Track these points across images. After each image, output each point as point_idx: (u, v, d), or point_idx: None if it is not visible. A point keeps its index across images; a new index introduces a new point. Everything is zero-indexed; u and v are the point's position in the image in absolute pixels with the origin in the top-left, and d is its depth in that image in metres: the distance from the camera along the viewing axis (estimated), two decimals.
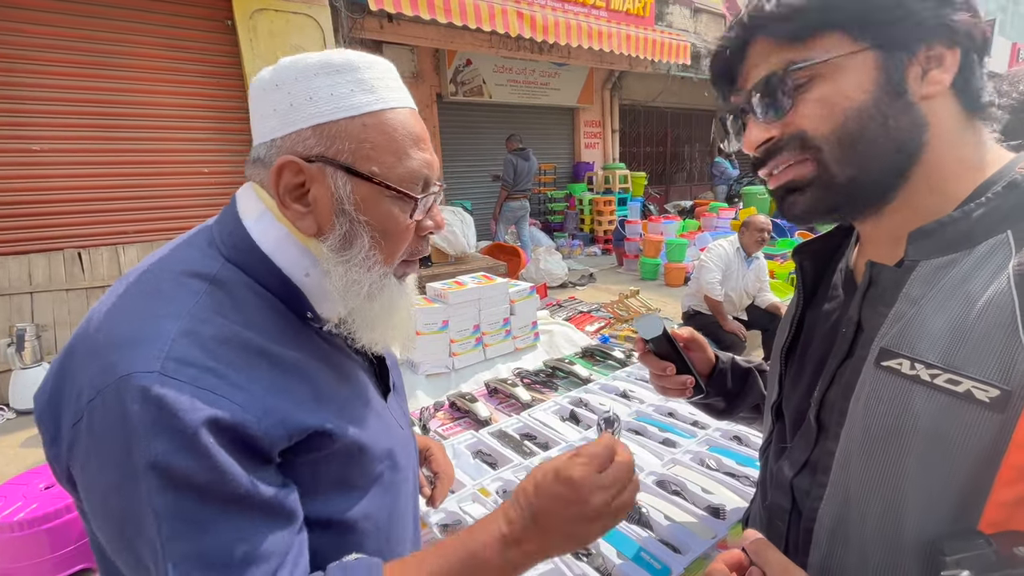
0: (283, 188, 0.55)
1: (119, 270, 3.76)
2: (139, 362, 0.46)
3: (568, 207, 8.86)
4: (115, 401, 0.45)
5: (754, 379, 0.88)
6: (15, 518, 1.71)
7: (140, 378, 0.45)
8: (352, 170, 0.55)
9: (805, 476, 0.57)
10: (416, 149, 0.58)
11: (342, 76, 0.55)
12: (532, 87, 8.23)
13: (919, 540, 0.45)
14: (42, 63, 3.47)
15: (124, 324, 0.49)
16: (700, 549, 0.91)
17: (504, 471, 1.16)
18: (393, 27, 5.50)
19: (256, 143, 0.58)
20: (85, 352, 0.49)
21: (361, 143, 0.55)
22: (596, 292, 5.60)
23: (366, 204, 0.56)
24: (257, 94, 0.57)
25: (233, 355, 0.50)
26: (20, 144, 3.47)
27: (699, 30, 9.16)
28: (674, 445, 1.26)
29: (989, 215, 0.46)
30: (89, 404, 0.46)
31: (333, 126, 0.54)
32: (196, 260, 0.55)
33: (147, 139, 3.88)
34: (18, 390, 3.19)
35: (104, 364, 0.47)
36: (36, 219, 3.58)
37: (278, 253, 0.57)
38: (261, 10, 4.03)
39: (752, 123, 0.54)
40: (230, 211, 0.59)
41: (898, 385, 0.46)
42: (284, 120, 0.55)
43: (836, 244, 0.66)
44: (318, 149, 0.54)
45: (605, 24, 6.39)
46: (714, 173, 10.05)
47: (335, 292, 0.58)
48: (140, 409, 0.44)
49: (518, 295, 1.98)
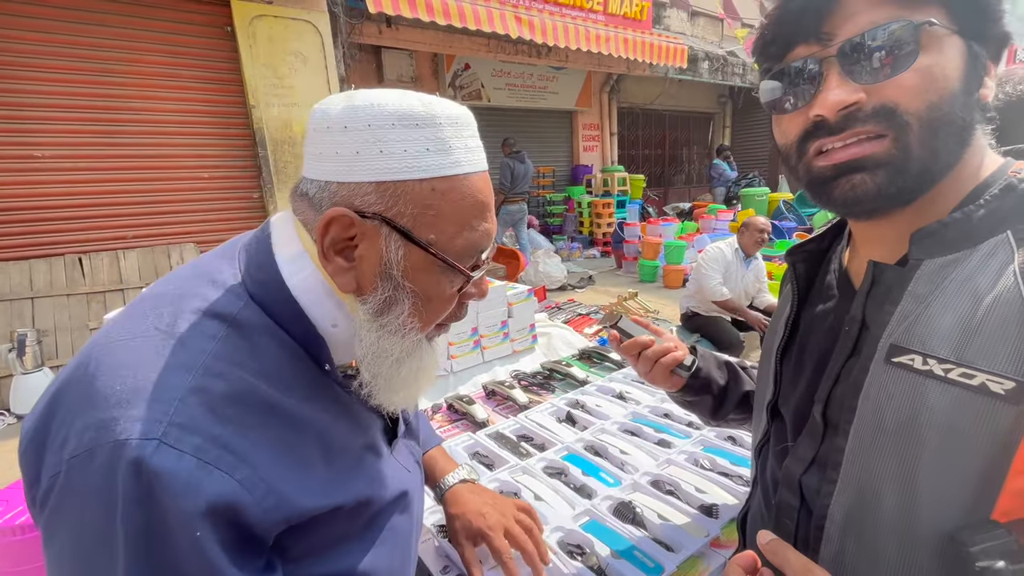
0: (329, 240, 0.51)
1: (119, 275, 3.78)
2: (139, 426, 0.42)
3: (567, 210, 8.90)
4: (106, 467, 0.41)
5: (734, 369, 0.90)
6: (17, 522, 1.72)
7: (139, 448, 0.41)
8: (410, 236, 0.51)
9: (813, 473, 0.57)
10: (481, 220, 0.54)
11: (420, 132, 0.50)
12: (530, 91, 8.27)
13: (934, 532, 0.46)
14: (43, 70, 3.50)
15: (129, 372, 0.45)
16: (693, 547, 0.93)
17: (501, 472, 1.17)
18: (391, 32, 5.54)
19: (308, 176, 0.53)
20: (80, 396, 0.45)
21: (425, 208, 0.51)
22: (595, 294, 5.61)
23: (415, 272, 0.53)
24: (319, 128, 0.52)
25: (243, 415, 0.47)
26: (22, 150, 3.49)
27: (696, 34, 9.21)
28: (669, 446, 1.27)
29: (989, 216, 0.48)
30: (72, 460, 0.42)
31: (400, 186, 0.50)
32: (219, 297, 0.51)
33: (147, 145, 3.91)
34: (19, 395, 3.21)
35: (100, 419, 0.42)
36: (37, 224, 3.60)
37: (308, 300, 0.53)
38: (260, 16, 4.06)
39: (839, 80, 0.47)
40: (264, 241, 0.55)
41: (910, 380, 0.47)
42: (346, 167, 0.50)
43: (827, 246, 0.67)
44: (377, 207, 0.50)
45: (603, 28, 6.43)
46: (712, 175, 10.07)
47: (362, 357, 0.55)
48: (133, 483, 0.40)
49: (516, 298, 1.99)
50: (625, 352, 0.87)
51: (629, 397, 1.56)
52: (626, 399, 1.55)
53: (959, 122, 0.47)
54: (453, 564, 0.93)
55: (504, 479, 1.15)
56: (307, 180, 0.53)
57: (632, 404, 1.51)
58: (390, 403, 0.59)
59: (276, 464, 0.48)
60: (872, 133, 0.47)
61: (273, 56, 4.16)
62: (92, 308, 3.64)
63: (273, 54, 4.15)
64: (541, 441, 1.34)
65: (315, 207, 0.52)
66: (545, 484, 1.12)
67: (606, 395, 1.57)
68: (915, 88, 0.45)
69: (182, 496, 0.41)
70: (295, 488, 0.49)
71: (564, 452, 1.26)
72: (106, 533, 0.41)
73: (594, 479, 1.14)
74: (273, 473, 0.47)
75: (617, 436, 1.32)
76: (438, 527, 1.01)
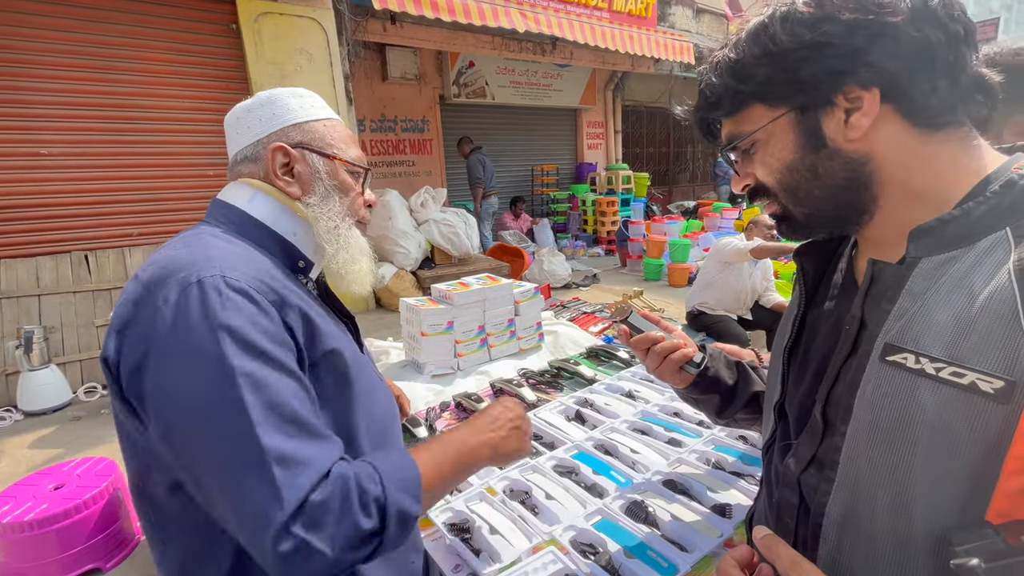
0: (276, 165, 0.76)
1: (125, 272, 3.78)
2: (205, 271, 0.61)
3: (571, 208, 8.87)
4: (195, 292, 0.59)
5: (744, 370, 0.89)
6: (25, 518, 1.72)
7: (210, 280, 0.61)
8: (323, 152, 0.79)
9: (812, 472, 0.57)
10: (355, 144, 0.84)
11: (303, 99, 0.80)
12: (535, 88, 8.24)
13: (929, 532, 0.46)
14: (49, 67, 3.50)
15: (178, 257, 0.64)
16: (707, 548, 0.92)
17: (511, 471, 1.16)
18: (396, 29, 5.52)
19: (240, 148, 0.78)
20: (156, 278, 0.62)
21: (323, 136, 0.79)
22: (600, 293, 5.60)
23: (332, 175, 0.80)
24: (237, 117, 0.79)
25: (268, 281, 0.66)
26: (28, 148, 3.49)
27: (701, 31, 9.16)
28: (680, 445, 1.26)
29: (989, 213, 0.47)
30: (172, 301, 0.59)
31: (306, 125, 0.78)
32: (209, 232, 0.71)
33: (153, 142, 3.91)
34: (26, 392, 3.22)
35: (175, 278, 0.61)
36: (43, 222, 3.61)
37: (271, 219, 0.76)
38: (265, 14, 4.06)
39: (734, 173, 0.63)
40: (217, 204, 0.77)
41: (903, 379, 0.47)
42: (268, 125, 0.77)
43: (836, 245, 0.67)
44: (297, 139, 0.78)
45: (608, 25, 6.40)
46: (717, 173, 10.03)
47: (321, 236, 0.78)
48: (217, 296, 0.60)
49: (523, 296, 1.98)
50: (635, 347, 0.86)
51: (638, 395, 1.55)
52: (635, 397, 1.54)
53: (814, 179, 0.55)
54: (464, 563, 0.92)
55: (514, 477, 1.14)
56: (241, 151, 0.78)
57: (642, 403, 1.50)
58: (343, 286, 0.83)
59: (301, 314, 0.68)
60: (767, 200, 0.61)
61: (278, 53, 4.15)
62: (98, 305, 3.65)
63: (278, 51, 4.15)
64: (550, 439, 1.33)
65: (257, 160, 0.77)
66: (556, 483, 1.12)
67: (615, 393, 1.56)
68: (763, 172, 0.58)
69: (251, 301, 0.62)
70: (316, 329, 0.69)
71: (574, 451, 1.25)
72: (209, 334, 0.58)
73: (605, 478, 1.14)
74: (299, 316, 0.67)
75: (627, 435, 1.31)
76: (448, 525, 1.01)
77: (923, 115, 0.51)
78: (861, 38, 0.48)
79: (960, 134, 0.52)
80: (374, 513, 0.58)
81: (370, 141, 6.77)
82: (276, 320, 0.63)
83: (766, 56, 0.53)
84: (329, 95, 4.43)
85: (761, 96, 0.55)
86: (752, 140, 0.57)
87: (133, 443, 0.66)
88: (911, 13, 0.48)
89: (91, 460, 2.05)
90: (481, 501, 1.07)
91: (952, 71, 0.49)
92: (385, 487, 0.60)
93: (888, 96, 0.50)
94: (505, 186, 8.42)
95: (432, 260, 5.40)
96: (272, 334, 0.61)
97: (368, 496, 0.59)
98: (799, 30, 0.50)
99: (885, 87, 0.50)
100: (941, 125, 0.51)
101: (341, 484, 0.58)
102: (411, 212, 5.33)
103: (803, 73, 0.51)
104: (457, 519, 1.03)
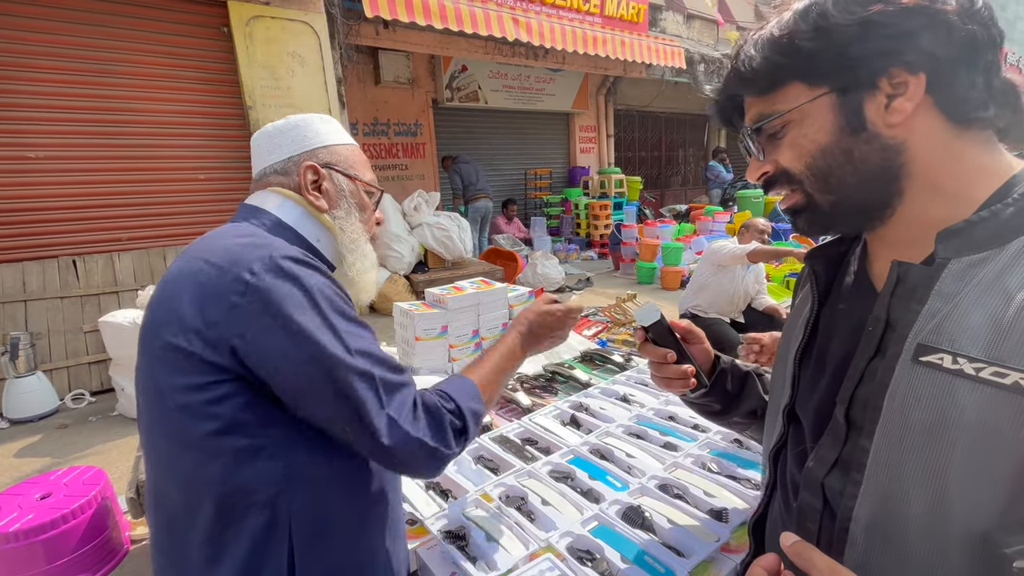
0: (307, 181, 0.85)
1: (114, 278, 3.74)
2: (276, 252, 0.70)
3: (564, 212, 8.89)
4: (282, 266, 0.69)
5: (753, 382, 0.89)
6: (11, 529, 1.69)
7: (284, 258, 0.69)
8: (347, 173, 0.89)
9: (836, 475, 0.56)
10: (370, 169, 0.94)
11: (329, 125, 0.90)
12: (527, 93, 8.27)
13: (965, 533, 0.45)
14: (38, 71, 3.46)
15: (239, 243, 0.72)
16: (704, 552, 0.91)
17: (506, 476, 1.15)
18: (388, 33, 5.52)
19: (270, 163, 0.87)
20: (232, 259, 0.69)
21: (348, 158, 0.90)
22: (593, 296, 5.61)
23: (353, 193, 0.89)
24: (268, 135, 0.88)
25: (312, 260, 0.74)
26: (16, 152, 3.45)
27: (692, 36, 9.25)
28: (675, 449, 1.26)
29: (1017, 215, 0.48)
30: (262, 274, 0.67)
31: (333, 148, 0.89)
32: (249, 229, 0.79)
33: (143, 146, 3.87)
34: (12, 399, 3.16)
35: (253, 256, 0.69)
36: (31, 226, 3.56)
37: (298, 224, 0.84)
38: (257, 17, 4.04)
39: (752, 159, 0.62)
40: (247, 207, 0.85)
41: (940, 380, 0.47)
42: (299, 145, 0.86)
43: (845, 248, 0.68)
44: (326, 160, 0.88)
45: (600, 30, 6.44)
46: (708, 177, 10.10)
47: (345, 246, 0.88)
48: (295, 266, 0.70)
49: (517, 300, 1.98)
50: (645, 355, 0.86)
51: (633, 400, 1.54)
52: (631, 402, 1.54)
53: (849, 164, 0.54)
54: (460, 571, 0.92)
55: (510, 483, 1.14)
56: (271, 166, 0.86)
57: (637, 407, 1.49)
58: (357, 298, 0.91)
59: None
60: (787, 190, 0.60)
61: (270, 57, 4.13)
62: (86, 311, 3.60)
63: (270, 55, 4.13)
64: (546, 444, 1.32)
65: (288, 173, 0.86)
66: (552, 488, 1.11)
67: (610, 397, 1.56)
68: (791, 156, 0.57)
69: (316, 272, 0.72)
70: None
71: (570, 456, 1.24)
72: (302, 294, 0.69)
73: (601, 483, 1.13)
74: None
75: (622, 439, 1.31)
76: (444, 533, 1.00)
77: (959, 109, 0.51)
78: (915, 22, 0.48)
79: (986, 135, 0.53)
80: (457, 417, 0.77)
81: (363, 145, 6.75)
82: (337, 284, 0.75)
83: (815, 31, 0.52)
84: (321, 99, 4.41)
85: (803, 73, 0.54)
86: (785, 120, 0.56)
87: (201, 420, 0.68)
88: (959, 8, 0.49)
89: (79, 469, 2.01)
90: (477, 508, 1.06)
91: (989, 71, 0.51)
92: (456, 399, 0.79)
93: (931, 85, 0.50)
94: (498, 190, 8.44)
95: (425, 264, 5.39)
96: (342, 295, 0.74)
97: (448, 406, 0.78)
98: (853, 7, 0.50)
99: (931, 74, 0.50)
100: (972, 121, 0.51)
101: (432, 400, 0.77)
102: (404, 216, 5.32)
103: (852, 50, 0.51)
104: (453, 526, 1.02)
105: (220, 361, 0.66)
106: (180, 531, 0.72)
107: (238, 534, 0.69)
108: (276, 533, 0.70)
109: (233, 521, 0.69)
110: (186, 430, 0.68)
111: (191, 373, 0.67)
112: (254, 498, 0.69)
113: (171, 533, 0.73)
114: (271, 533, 0.70)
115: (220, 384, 0.67)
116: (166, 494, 0.73)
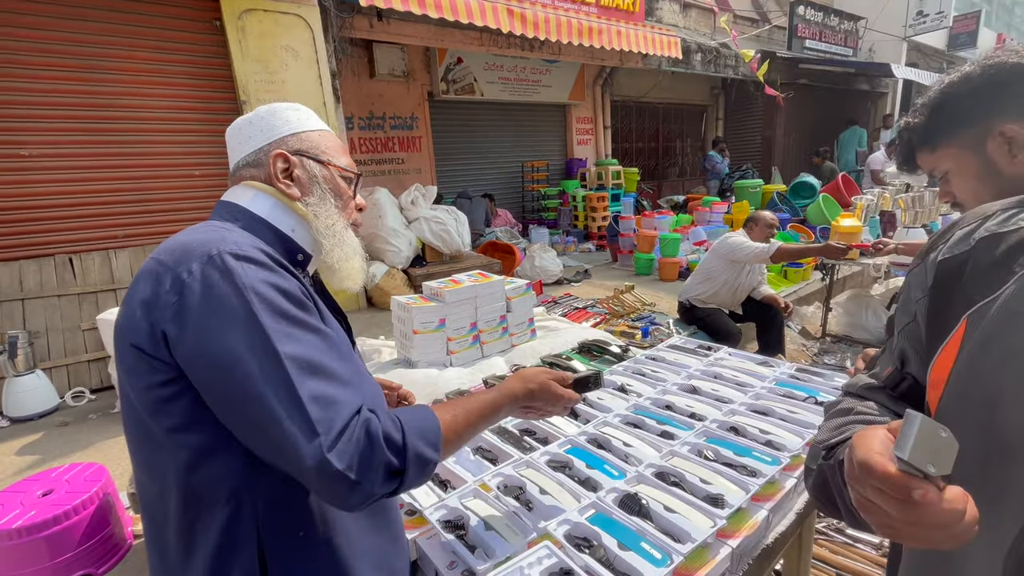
0: (278, 170, 0.83)
1: (111, 275, 3.73)
2: (223, 246, 0.68)
3: (561, 204, 8.87)
4: (219, 263, 0.66)
5: None
6: (13, 526, 1.70)
7: (229, 251, 0.68)
8: (319, 159, 0.86)
9: None
10: (345, 154, 0.91)
11: (299, 112, 0.88)
12: (523, 84, 8.22)
13: None
14: (30, 67, 3.43)
15: (195, 239, 0.70)
16: (700, 538, 0.93)
17: (504, 467, 1.16)
18: (383, 26, 5.47)
19: (242, 156, 0.85)
20: (175, 258, 0.68)
21: (319, 144, 0.87)
22: (591, 288, 5.61)
23: (327, 179, 0.87)
24: (239, 128, 0.86)
25: (275, 256, 0.73)
26: (9, 149, 3.42)
27: (688, 26, 9.18)
28: (672, 437, 1.27)
29: None
30: (197, 273, 0.66)
31: (303, 134, 0.86)
32: (218, 224, 0.77)
33: (137, 142, 3.84)
34: (12, 398, 3.16)
35: (196, 253, 0.68)
36: (26, 225, 3.54)
37: (272, 215, 0.82)
38: (250, 10, 4.00)
39: None
40: (222, 204, 0.83)
41: None
42: (268, 135, 0.84)
43: None
44: (296, 147, 0.85)
45: (595, 20, 6.39)
46: (706, 167, 10.07)
47: (320, 232, 0.84)
48: (236, 262, 0.67)
49: (514, 292, 1.98)
50: None
51: (631, 389, 1.55)
52: (628, 391, 1.54)
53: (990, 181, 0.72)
54: (460, 560, 0.93)
55: (508, 473, 1.15)
56: (243, 159, 0.84)
57: (634, 396, 1.50)
58: (335, 282, 0.90)
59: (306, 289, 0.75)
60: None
61: (263, 51, 4.10)
62: (84, 308, 3.60)
63: (263, 49, 4.09)
64: (544, 435, 1.33)
65: (259, 165, 0.84)
66: (550, 478, 1.12)
67: (607, 388, 1.57)
68: (954, 191, 0.79)
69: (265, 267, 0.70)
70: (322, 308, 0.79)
71: (567, 445, 1.25)
72: (237, 292, 0.65)
73: (598, 472, 1.14)
74: None
75: (620, 428, 1.32)
76: (443, 523, 1.01)
77: None
78: None
79: None
80: (396, 454, 0.68)
81: (358, 139, 6.72)
82: (291, 280, 0.71)
83: None
84: (316, 93, 4.38)
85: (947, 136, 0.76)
86: (947, 170, 0.78)
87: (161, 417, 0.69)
88: None
89: (80, 465, 2.02)
90: (475, 497, 1.07)
91: None
92: (406, 434, 0.70)
93: None
94: (495, 183, 8.41)
95: (423, 258, 5.38)
96: (289, 292, 0.69)
97: (392, 439, 0.68)
98: None
99: None
100: None
101: (375, 427, 0.67)
102: (401, 210, 5.31)
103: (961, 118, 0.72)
104: (451, 516, 1.03)
105: (167, 360, 0.66)
106: (160, 523, 0.73)
107: (207, 528, 0.69)
108: (242, 528, 0.70)
109: (200, 514, 0.69)
110: (150, 427, 0.69)
111: (147, 372, 0.67)
112: (217, 493, 0.69)
113: (154, 525, 0.75)
114: (237, 528, 0.70)
115: (171, 383, 0.67)
116: (146, 488, 0.74)
